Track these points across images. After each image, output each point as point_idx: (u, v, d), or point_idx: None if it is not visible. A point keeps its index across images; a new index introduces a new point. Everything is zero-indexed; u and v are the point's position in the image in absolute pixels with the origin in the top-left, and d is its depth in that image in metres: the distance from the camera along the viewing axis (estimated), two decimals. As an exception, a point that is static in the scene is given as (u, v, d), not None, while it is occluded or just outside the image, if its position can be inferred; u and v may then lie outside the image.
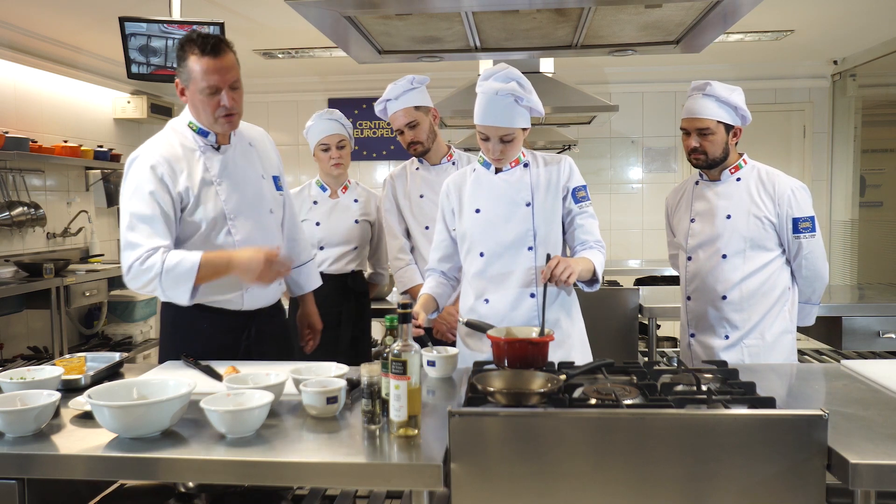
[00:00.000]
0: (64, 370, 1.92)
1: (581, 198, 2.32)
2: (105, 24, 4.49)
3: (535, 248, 2.26)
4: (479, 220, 2.30)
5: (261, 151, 2.37)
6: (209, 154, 2.21)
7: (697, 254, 2.59)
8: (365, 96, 6.52)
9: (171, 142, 2.20)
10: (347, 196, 3.27)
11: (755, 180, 2.53)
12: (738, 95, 2.46)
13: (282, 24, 4.61)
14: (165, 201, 2.09)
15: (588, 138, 6.43)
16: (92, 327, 5.29)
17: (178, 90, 2.16)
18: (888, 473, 1.35)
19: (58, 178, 5.24)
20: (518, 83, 2.14)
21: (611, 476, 1.43)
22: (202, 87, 2.08)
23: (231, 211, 2.19)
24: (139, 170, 2.12)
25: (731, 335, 2.52)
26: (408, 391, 1.51)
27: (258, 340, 2.29)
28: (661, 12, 2.21)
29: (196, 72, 2.07)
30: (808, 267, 2.51)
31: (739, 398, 1.64)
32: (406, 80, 2.82)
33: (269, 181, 2.35)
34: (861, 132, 6.22)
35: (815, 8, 4.47)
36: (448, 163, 2.95)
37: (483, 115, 2.16)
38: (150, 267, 2.01)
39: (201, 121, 2.19)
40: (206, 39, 2.07)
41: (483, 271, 2.30)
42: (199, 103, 2.12)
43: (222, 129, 2.20)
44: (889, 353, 3.48)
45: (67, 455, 1.50)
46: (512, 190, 2.29)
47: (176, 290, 2.03)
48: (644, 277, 5.22)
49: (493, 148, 2.21)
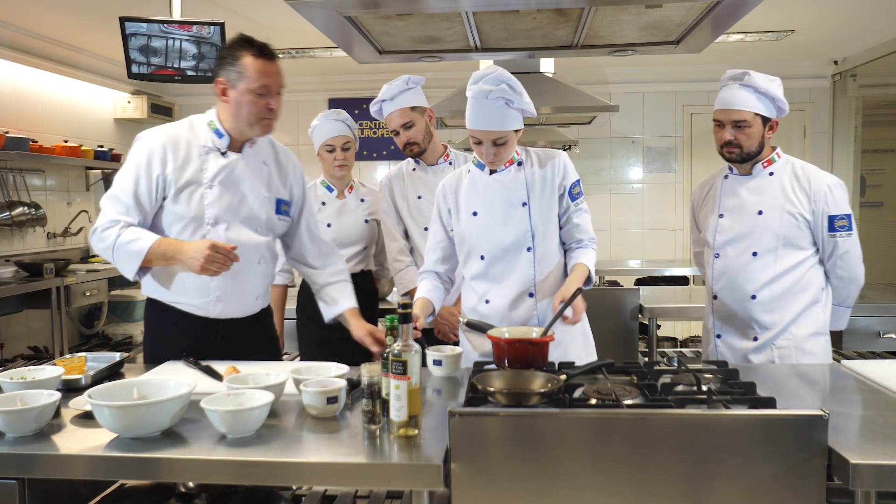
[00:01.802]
0: (64, 370, 1.92)
1: (576, 194, 2.31)
2: (105, 24, 4.49)
3: (534, 249, 2.27)
4: (476, 222, 2.30)
5: (275, 172, 2.33)
6: (212, 156, 2.20)
7: (726, 251, 2.47)
8: (365, 96, 6.52)
9: (180, 132, 2.21)
10: (354, 196, 3.26)
11: (789, 175, 2.41)
12: (777, 86, 2.34)
13: (282, 24, 4.61)
14: (146, 184, 2.14)
15: (588, 138, 6.43)
16: (92, 327, 5.29)
17: (218, 89, 2.16)
18: (888, 473, 1.35)
19: (58, 177, 5.25)
20: (508, 85, 2.12)
21: (611, 476, 1.43)
22: (255, 86, 2.10)
23: (211, 217, 2.18)
24: (138, 149, 2.19)
25: (761, 336, 2.41)
26: (408, 391, 1.51)
27: (230, 348, 2.24)
28: (662, 12, 2.21)
29: (251, 72, 2.10)
30: (844, 267, 2.40)
31: (740, 398, 1.64)
32: (401, 81, 2.81)
33: (269, 202, 2.30)
34: (861, 132, 6.22)
35: (816, 8, 4.47)
36: (445, 163, 2.94)
37: (474, 119, 2.15)
38: (106, 237, 2.11)
39: (238, 123, 2.17)
40: (261, 44, 2.13)
41: (484, 273, 2.30)
42: (245, 103, 2.13)
43: (260, 132, 2.20)
44: (889, 353, 3.48)
45: (67, 455, 1.50)
46: (507, 191, 2.28)
47: (124, 265, 2.13)
48: (644, 277, 5.22)
49: (486, 151, 2.20)
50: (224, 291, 2.21)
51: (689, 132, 6.57)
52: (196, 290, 2.20)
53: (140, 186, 2.13)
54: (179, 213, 2.16)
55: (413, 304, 2.31)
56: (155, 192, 2.15)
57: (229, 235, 2.19)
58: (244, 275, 2.22)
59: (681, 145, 6.58)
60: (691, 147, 6.59)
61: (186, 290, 2.20)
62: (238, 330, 2.28)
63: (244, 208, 2.23)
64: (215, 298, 2.21)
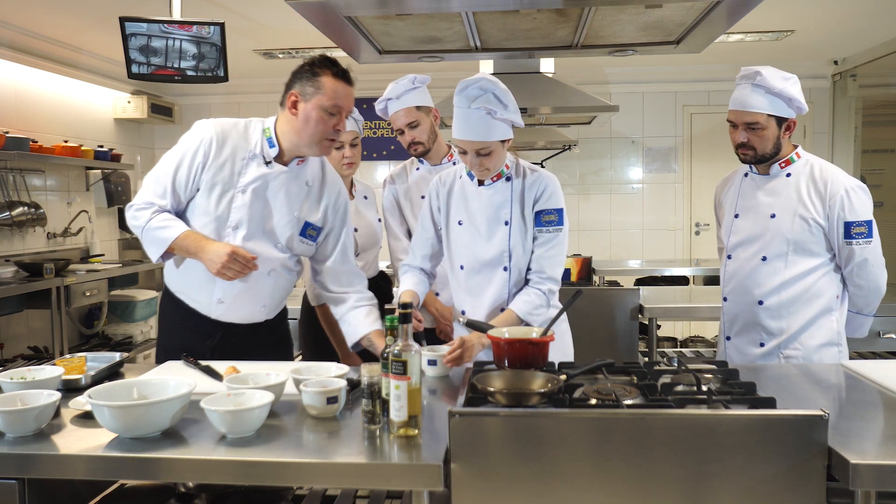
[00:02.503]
0: (64, 370, 1.92)
1: (546, 222, 2.22)
2: (105, 24, 4.49)
3: (510, 269, 2.25)
4: (460, 233, 2.30)
5: (314, 196, 2.29)
6: (255, 163, 2.19)
7: (737, 253, 2.41)
8: (365, 96, 6.48)
9: (234, 130, 2.22)
10: (359, 195, 3.12)
11: (807, 177, 2.30)
12: (793, 85, 2.23)
13: (282, 24, 4.61)
14: (185, 173, 2.17)
15: (588, 138, 6.43)
16: (92, 327, 5.29)
17: (289, 101, 2.15)
18: (888, 473, 1.34)
19: (58, 178, 5.24)
20: (494, 94, 2.08)
21: (611, 476, 1.43)
22: (328, 105, 2.11)
23: (234, 221, 2.17)
24: (190, 136, 2.21)
25: (767, 343, 2.34)
26: (408, 391, 1.51)
27: (227, 350, 2.24)
28: (662, 12, 2.21)
29: (328, 90, 2.10)
30: (863, 276, 2.28)
31: (740, 398, 1.64)
32: (407, 80, 2.80)
33: (297, 222, 2.25)
34: (861, 132, 6.22)
35: (816, 8, 4.47)
36: (449, 163, 2.93)
37: (458, 129, 2.13)
38: (139, 216, 2.17)
39: (301, 137, 2.15)
40: (344, 68, 2.16)
41: (462, 284, 2.33)
42: (315, 119, 2.11)
43: (320, 151, 2.19)
44: (889, 353, 3.48)
45: (67, 455, 1.50)
46: (493, 206, 2.26)
47: (150, 247, 2.18)
48: (644, 277, 5.22)
49: (470, 161, 2.17)
50: (226, 295, 2.20)
51: (689, 132, 6.57)
52: (201, 288, 2.21)
53: (180, 172, 2.16)
54: (206, 209, 2.17)
55: (400, 296, 2.30)
56: (191, 182, 2.17)
57: (247, 244, 2.17)
58: (251, 283, 2.21)
59: (681, 145, 6.58)
60: (691, 147, 6.59)
61: (192, 284, 2.22)
62: (240, 335, 2.27)
63: (268, 222, 2.21)
64: (217, 301, 2.21)
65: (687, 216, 6.64)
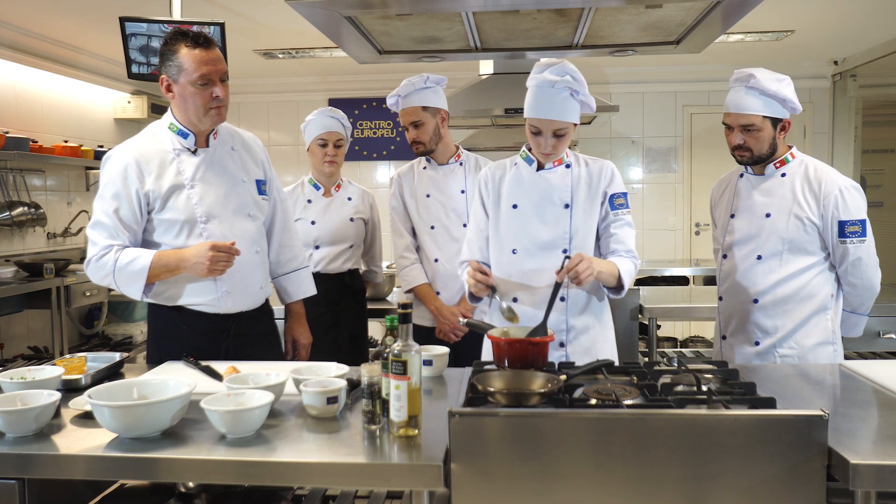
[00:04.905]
0: (64, 370, 1.92)
1: (619, 205, 2.25)
2: (105, 24, 4.49)
3: (570, 252, 2.20)
4: (515, 215, 2.26)
5: (246, 155, 2.36)
6: (184, 157, 2.22)
7: (733, 252, 2.44)
8: (365, 96, 6.52)
9: (146, 143, 2.22)
10: (341, 194, 3.26)
11: (801, 177, 2.33)
12: (786, 86, 2.27)
13: (282, 24, 4.61)
14: (127, 203, 2.15)
15: (588, 138, 6.43)
16: (92, 327, 5.29)
17: (163, 87, 2.17)
18: (888, 473, 1.34)
19: (58, 178, 5.24)
20: (572, 77, 2.10)
21: (611, 476, 1.43)
22: (194, 77, 2.11)
23: (203, 214, 2.19)
24: (109, 170, 2.18)
25: (762, 342, 2.37)
26: (408, 391, 1.51)
27: (239, 343, 2.27)
28: (662, 12, 2.21)
29: (189, 63, 2.10)
30: (856, 275, 2.31)
31: (740, 398, 1.64)
32: (420, 79, 2.81)
33: (251, 185, 2.33)
34: (861, 132, 6.22)
35: (816, 8, 4.47)
36: (456, 163, 2.95)
37: (537, 108, 2.11)
38: (104, 264, 2.13)
39: (189, 117, 2.19)
40: (195, 34, 2.13)
41: (514, 267, 2.25)
42: (189, 96, 2.13)
43: (211, 123, 2.20)
44: (889, 354, 3.48)
45: (67, 455, 1.50)
46: (553, 189, 2.24)
47: (129, 287, 2.14)
48: (644, 277, 5.21)
49: (545, 143, 2.15)
50: (231, 285, 2.23)
51: (690, 132, 6.57)
52: (203, 289, 2.21)
53: (122, 207, 2.14)
54: (170, 219, 2.17)
55: (474, 268, 2.20)
56: (139, 209, 2.16)
57: (224, 229, 2.20)
58: (245, 265, 2.25)
59: (681, 145, 6.58)
60: (691, 147, 6.59)
61: (193, 291, 2.22)
62: (246, 324, 2.30)
63: (231, 199, 2.25)
64: (224, 293, 2.23)
65: (687, 216, 6.64)
